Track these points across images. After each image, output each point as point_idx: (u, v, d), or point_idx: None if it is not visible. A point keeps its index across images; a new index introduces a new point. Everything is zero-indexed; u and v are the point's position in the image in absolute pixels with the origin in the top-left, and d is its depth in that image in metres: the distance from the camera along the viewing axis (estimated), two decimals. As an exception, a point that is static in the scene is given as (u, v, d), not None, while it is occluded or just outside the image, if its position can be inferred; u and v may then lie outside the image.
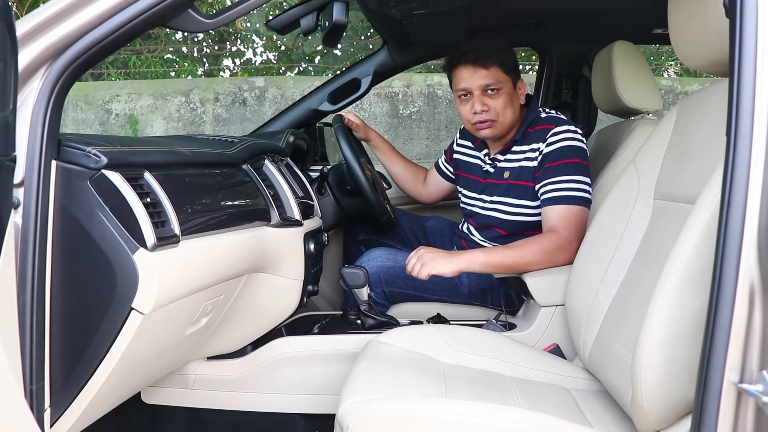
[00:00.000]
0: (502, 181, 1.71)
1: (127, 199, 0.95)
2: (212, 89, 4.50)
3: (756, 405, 0.79)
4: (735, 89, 0.80)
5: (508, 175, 1.70)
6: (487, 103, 1.64)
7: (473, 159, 1.85)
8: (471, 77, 1.64)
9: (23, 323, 0.88)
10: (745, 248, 0.77)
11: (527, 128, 1.68)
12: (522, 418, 0.97)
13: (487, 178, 1.77)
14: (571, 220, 1.55)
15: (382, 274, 1.69)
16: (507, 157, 1.71)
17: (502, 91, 1.64)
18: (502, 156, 1.73)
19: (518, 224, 1.69)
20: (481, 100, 1.64)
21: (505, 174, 1.71)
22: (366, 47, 5.75)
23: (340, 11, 1.42)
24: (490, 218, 1.74)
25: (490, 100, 1.64)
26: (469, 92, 1.66)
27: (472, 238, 1.80)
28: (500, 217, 1.71)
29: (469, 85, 1.64)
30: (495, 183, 1.73)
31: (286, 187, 1.44)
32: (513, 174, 1.68)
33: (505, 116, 1.65)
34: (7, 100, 0.71)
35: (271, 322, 1.47)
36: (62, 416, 0.99)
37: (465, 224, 1.86)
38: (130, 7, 0.94)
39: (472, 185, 1.82)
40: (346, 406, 1.00)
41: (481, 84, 1.63)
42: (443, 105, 4.38)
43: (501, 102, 1.64)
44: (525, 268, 1.51)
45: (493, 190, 1.73)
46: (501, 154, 1.73)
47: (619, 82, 1.64)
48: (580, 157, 1.59)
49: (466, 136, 1.91)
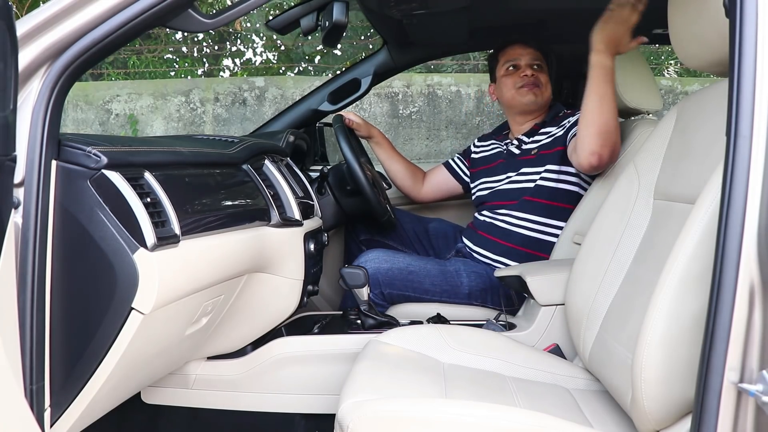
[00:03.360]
0: (529, 157, 1.81)
1: (127, 199, 0.95)
2: (212, 89, 4.50)
3: (756, 405, 0.79)
4: (735, 89, 0.79)
5: (536, 151, 1.80)
6: (534, 73, 1.85)
7: (495, 149, 1.96)
8: (524, 52, 1.88)
9: (23, 323, 0.88)
10: (745, 248, 0.77)
11: (554, 116, 1.82)
12: (522, 418, 0.96)
13: (512, 158, 1.86)
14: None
15: (380, 276, 1.69)
16: (534, 138, 1.84)
17: (543, 71, 1.88)
18: (528, 138, 1.86)
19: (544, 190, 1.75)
20: (530, 69, 1.86)
21: (533, 151, 1.81)
22: (366, 47, 5.75)
23: (340, 11, 1.42)
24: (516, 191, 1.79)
25: (536, 72, 1.86)
26: (517, 65, 1.87)
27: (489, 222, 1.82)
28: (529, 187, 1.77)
29: (521, 58, 1.87)
30: (522, 159, 1.82)
31: (286, 187, 1.44)
32: (542, 147, 1.79)
33: (546, 89, 1.87)
34: (7, 100, 0.71)
35: (271, 322, 1.47)
36: (62, 416, 0.98)
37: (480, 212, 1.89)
38: (130, 7, 0.94)
39: (494, 171, 1.91)
40: (346, 406, 1.00)
41: (532, 59, 1.87)
42: (443, 105, 4.38)
43: (544, 77, 1.87)
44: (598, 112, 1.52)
45: (519, 165, 1.81)
46: (527, 136, 1.86)
47: (619, 82, 1.64)
48: None
49: (486, 138, 2.04)
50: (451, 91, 4.38)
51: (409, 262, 1.73)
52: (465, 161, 2.06)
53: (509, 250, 1.76)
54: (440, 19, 1.86)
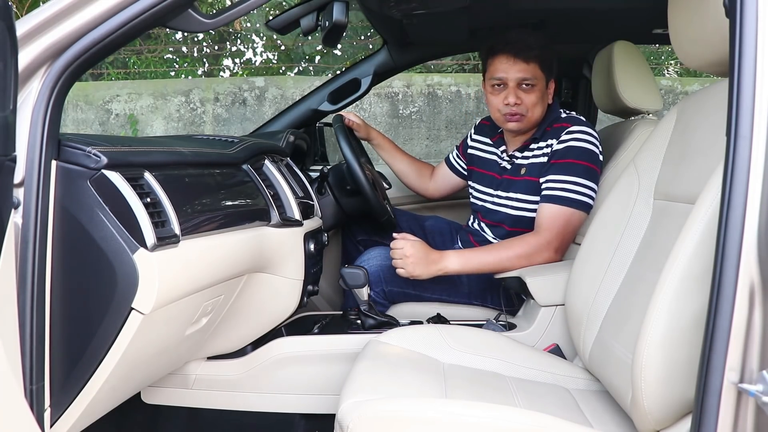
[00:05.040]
0: (519, 178, 1.71)
1: (127, 199, 0.95)
2: (212, 89, 4.50)
3: (756, 405, 0.79)
4: (735, 89, 0.79)
5: (524, 172, 1.70)
6: (521, 97, 1.65)
7: (490, 155, 1.86)
8: (510, 68, 1.64)
9: (23, 323, 0.87)
10: (745, 248, 0.77)
11: (546, 127, 1.69)
12: (522, 418, 0.96)
13: (503, 175, 1.77)
14: (558, 222, 1.56)
15: (382, 273, 1.69)
16: (524, 154, 1.72)
17: (536, 88, 1.65)
18: (520, 153, 1.74)
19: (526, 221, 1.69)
20: (516, 92, 1.65)
21: (521, 171, 1.71)
22: (366, 47, 5.75)
23: (340, 11, 1.42)
24: (502, 214, 1.74)
25: (523, 94, 1.65)
26: (504, 83, 1.66)
27: (483, 235, 1.80)
28: (511, 213, 1.72)
29: (507, 75, 1.65)
30: (511, 179, 1.74)
31: (286, 187, 1.44)
32: (528, 170, 1.70)
33: (534, 113, 1.66)
34: (7, 100, 0.71)
35: (271, 322, 1.47)
36: (62, 416, 0.99)
37: (475, 221, 1.86)
38: (130, 7, 0.94)
39: (486, 180, 1.82)
40: (346, 406, 1.00)
41: (519, 77, 1.64)
42: (443, 105, 4.38)
43: (533, 98, 1.65)
44: (502, 271, 1.58)
45: (509, 186, 1.74)
46: (519, 151, 1.74)
47: (619, 82, 1.64)
48: (588, 161, 1.59)
49: (483, 132, 1.91)
50: (451, 91, 4.39)
51: None
52: (461, 157, 1.99)
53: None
54: (440, 19, 1.86)
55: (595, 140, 1.62)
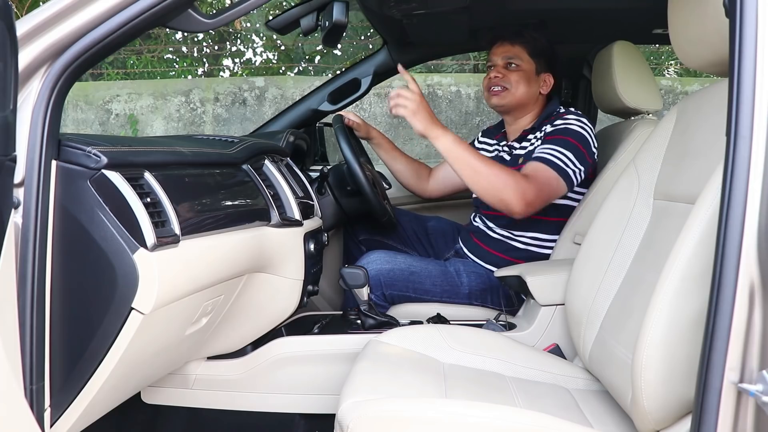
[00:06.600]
0: (517, 166, 1.72)
1: (127, 199, 0.95)
2: (212, 89, 4.50)
3: (756, 405, 0.79)
4: (735, 89, 0.79)
5: (522, 161, 1.73)
6: (504, 74, 1.77)
7: (493, 152, 1.91)
8: (497, 50, 1.79)
9: (23, 323, 0.87)
10: (745, 248, 0.77)
11: (544, 119, 1.74)
12: (522, 418, 0.97)
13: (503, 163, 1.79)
14: (540, 177, 1.56)
15: (382, 277, 1.69)
16: (522, 144, 1.78)
17: (520, 68, 1.76)
18: (518, 144, 1.80)
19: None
20: (500, 70, 1.77)
21: (519, 160, 1.74)
22: (366, 47, 5.75)
23: (340, 11, 1.42)
24: None
25: (507, 72, 1.77)
26: (493, 64, 1.80)
27: (483, 230, 1.81)
28: None
29: (494, 55, 1.79)
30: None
31: (286, 187, 1.44)
32: (525, 158, 1.72)
33: (518, 89, 1.76)
34: (7, 100, 0.71)
35: (271, 322, 1.47)
36: (62, 416, 0.98)
37: (476, 215, 1.88)
38: (130, 7, 0.94)
39: None
40: (346, 406, 1.00)
41: (504, 56, 1.77)
42: (443, 105, 4.38)
43: (516, 76, 1.76)
44: (473, 186, 1.55)
45: None
46: (517, 142, 1.80)
47: (619, 82, 1.64)
48: (579, 142, 1.62)
49: (488, 134, 2.00)
50: (451, 91, 4.39)
51: (410, 263, 1.73)
52: None
53: (502, 260, 1.76)
54: (440, 19, 1.86)
55: (588, 129, 1.65)
